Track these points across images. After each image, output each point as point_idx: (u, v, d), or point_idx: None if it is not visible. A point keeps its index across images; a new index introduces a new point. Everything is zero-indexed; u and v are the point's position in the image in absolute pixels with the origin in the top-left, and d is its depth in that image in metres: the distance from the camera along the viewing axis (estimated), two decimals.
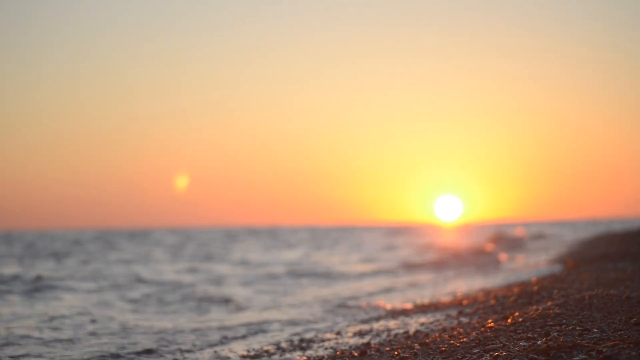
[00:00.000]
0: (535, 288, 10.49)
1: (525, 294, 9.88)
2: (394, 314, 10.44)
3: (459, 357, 6.10)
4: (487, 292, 11.57)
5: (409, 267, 23.88)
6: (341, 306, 12.47)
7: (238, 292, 16.10)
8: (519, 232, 62.25)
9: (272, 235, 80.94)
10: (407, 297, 13.47)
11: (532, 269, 17.47)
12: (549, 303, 8.19)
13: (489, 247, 35.35)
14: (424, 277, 19.19)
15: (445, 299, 11.66)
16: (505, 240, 44.70)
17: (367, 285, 17.22)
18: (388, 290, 15.38)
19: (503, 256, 27.39)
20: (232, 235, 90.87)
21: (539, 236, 53.03)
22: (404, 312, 10.41)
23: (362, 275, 20.85)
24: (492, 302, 9.74)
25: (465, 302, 10.46)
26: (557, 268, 14.57)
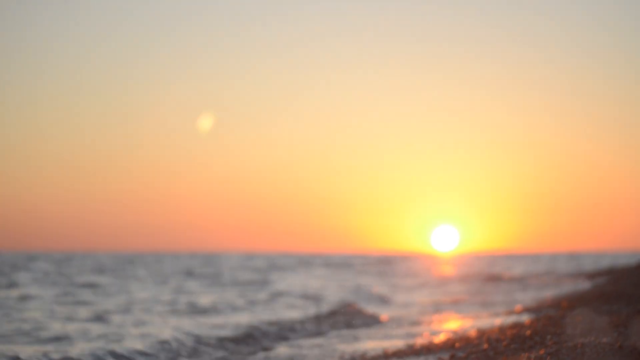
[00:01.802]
0: (528, 332, 10.44)
1: (518, 338, 9.83)
2: (387, 355, 10.39)
3: None
4: (480, 333, 11.51)
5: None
6: None
7: None
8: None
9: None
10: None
11: None
12: (542, 351, 8.16)
13: None
14: None
15: (439, 339, 11.60)
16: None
17: None
18: None
19: None
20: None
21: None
22: (397, 354, 10.36)
23: None
24: (485, 345, 9.69)
25: (457, 344, 10.41)
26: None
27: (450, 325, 15.38)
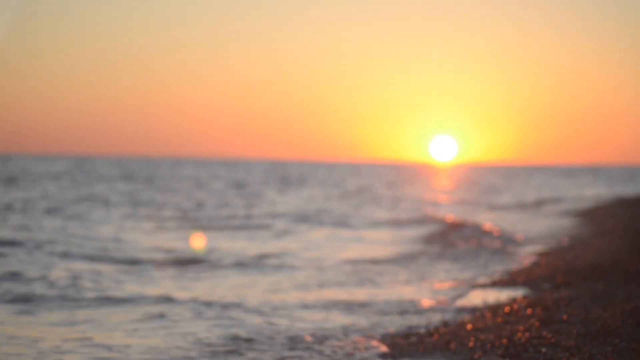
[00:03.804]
0: (521, 327, 10.47)
1: (511, 343, 9.81)
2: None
3: None
4: (476, 317, 11.45)
5: None
6: None
7: None
8: None
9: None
10: None
11: None
12: None
13: None
14: None
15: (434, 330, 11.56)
16: None
17: None
18: None
19: None
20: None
21: None
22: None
23: None
24: (470, 344, 9.78)
25: (452, 345, 10.37)
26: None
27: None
